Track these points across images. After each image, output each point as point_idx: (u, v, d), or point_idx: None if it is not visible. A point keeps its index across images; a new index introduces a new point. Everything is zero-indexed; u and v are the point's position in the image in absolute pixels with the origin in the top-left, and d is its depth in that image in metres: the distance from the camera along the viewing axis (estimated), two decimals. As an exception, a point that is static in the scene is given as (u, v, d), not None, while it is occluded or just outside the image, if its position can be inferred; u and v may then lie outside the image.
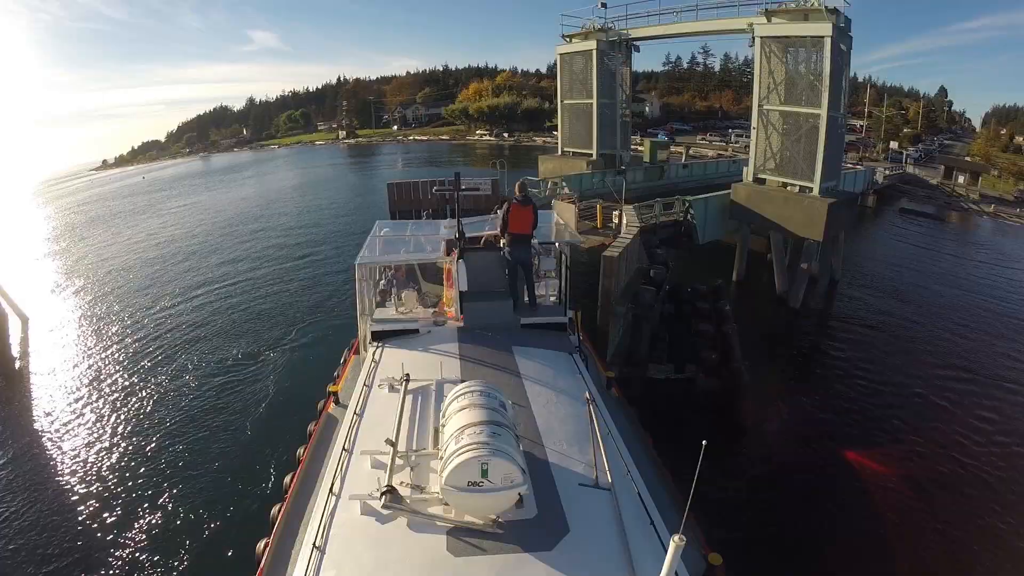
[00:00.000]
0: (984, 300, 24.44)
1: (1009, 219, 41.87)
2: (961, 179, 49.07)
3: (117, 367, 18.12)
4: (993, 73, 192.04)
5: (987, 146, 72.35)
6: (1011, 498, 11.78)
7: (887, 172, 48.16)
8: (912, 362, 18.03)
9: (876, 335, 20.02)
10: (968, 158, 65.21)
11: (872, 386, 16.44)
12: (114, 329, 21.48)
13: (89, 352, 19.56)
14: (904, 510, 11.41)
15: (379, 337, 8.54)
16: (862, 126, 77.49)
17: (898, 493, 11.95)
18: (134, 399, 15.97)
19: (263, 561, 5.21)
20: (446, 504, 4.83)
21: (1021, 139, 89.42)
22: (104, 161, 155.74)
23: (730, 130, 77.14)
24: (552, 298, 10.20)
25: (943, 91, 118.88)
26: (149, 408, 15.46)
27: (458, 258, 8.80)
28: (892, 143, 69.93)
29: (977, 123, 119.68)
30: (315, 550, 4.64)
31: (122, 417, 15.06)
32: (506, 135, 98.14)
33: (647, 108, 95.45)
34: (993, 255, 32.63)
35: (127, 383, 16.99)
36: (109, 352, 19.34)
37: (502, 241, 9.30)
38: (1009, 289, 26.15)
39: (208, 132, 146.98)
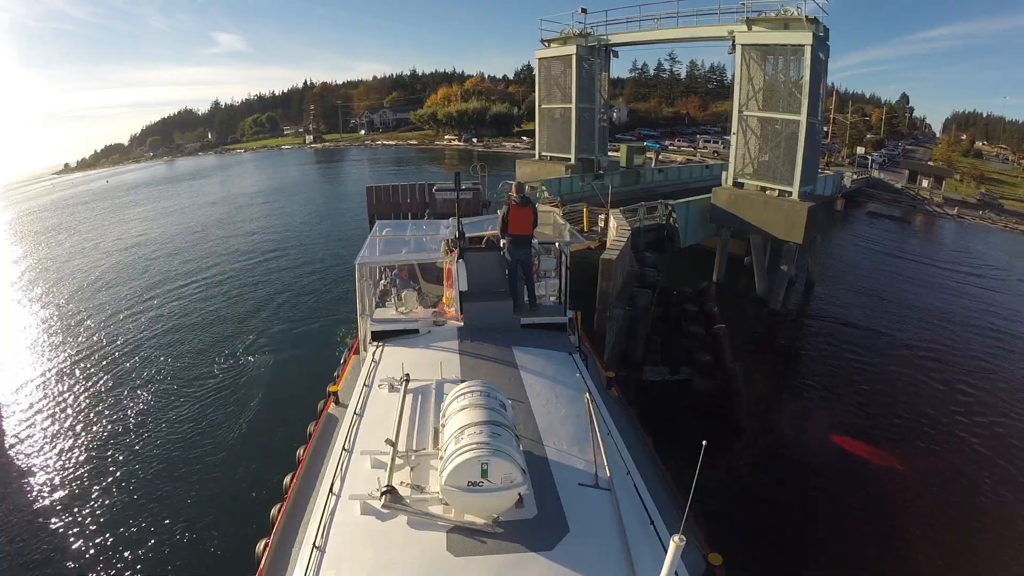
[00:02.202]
0: (953, 296, 25.53)
1: (972, 220, 43.54)
2: (925, 183, 50.71)
3: (101, 374, 17.55)
4: (953, 80, 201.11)
5: (949, 151, 75.10)
6: (1007, 489, 12.10)
7: (854, 176, 49.42)
8: (893, 357, 18.59)
9: (856, 333, 20.56)
10: (931, 163, 67.45)
11: (860, 382, 16.87)
12: (96, 335, 20.73)
13: (72, 358, 18.90)
14: (904, 507, 11.58)
15: (379, 337, 8.51)
16: (826, 131, 79.33)
17: (896, 490, 12.13)
18: (123, 405, 15.54)
19: (263, 561, 5.18)
20: (446, 504, 4.80)
21: (981, 144, 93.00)
22: (66, 164, 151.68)
23: (698, 136, 78.38)
24: (552, 298, 10.19)
25: (905, 98, 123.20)
26: (140, 413, 15.05)
27: (458, 258, 8.77)
28: (858, 148, 71.85)
29: (938, 129, 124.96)
30: (315, 550, 4.60)
31: (111, 423, 14.65)
32: (475, 140, 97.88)
33: (615, 113, 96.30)
34: (960, 255, 33.89)
35: (113, 389, 16.50)
36: (92, 359, 18.69)
37: (502, 241, 9.25)
38: (976, 285, 27.26)
39: (172, 136, 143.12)
